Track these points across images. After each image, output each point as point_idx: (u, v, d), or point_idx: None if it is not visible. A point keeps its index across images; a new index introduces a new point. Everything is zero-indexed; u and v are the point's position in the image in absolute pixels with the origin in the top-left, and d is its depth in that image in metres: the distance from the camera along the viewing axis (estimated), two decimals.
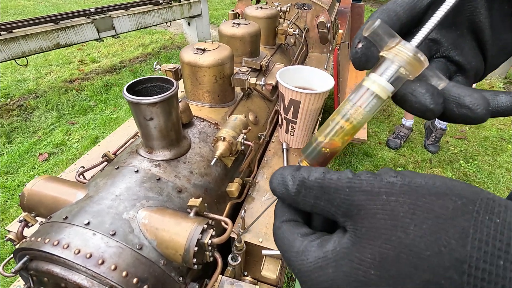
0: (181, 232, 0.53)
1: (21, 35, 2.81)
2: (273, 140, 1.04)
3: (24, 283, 0.56)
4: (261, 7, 1.25)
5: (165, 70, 0.90)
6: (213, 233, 0.54)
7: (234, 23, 1.04)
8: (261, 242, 0.71)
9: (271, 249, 0.70)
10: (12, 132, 2.90)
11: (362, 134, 2.38)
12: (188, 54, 0.82)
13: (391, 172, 0.19)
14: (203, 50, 0.82)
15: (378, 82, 0.22)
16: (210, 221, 0.57)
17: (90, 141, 2.82)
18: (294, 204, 0.22)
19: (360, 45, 0.24)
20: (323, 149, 0.24)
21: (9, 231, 0.67)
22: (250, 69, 0.92)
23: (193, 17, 4.44)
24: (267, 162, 0.95)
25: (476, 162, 2.68)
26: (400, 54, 0.21)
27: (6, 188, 2.38)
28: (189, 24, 4.63)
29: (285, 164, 0.91)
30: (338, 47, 1.76)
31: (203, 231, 0.54)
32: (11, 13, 5.92)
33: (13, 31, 2.79)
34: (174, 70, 0.89)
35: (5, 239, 0.65)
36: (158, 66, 0.91)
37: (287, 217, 0.23)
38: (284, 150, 0.96)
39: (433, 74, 0.22)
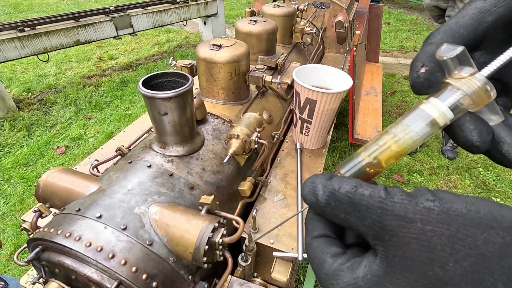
0: (192, 230, 0.52)
1: (44, 31, 2.91)
2: (286, 140, 1.01)
3: (36, 273, 0.56)
4: (278, 5, 1.23)
5: (181, 66, 0.89)
6: (224, 232, 0.53)
7: (251, 20, 1.03)
8: (272, 243, 0.69)
9: (282, 251, 0.68)
10: (32, 125, 3.00)
11: None
12: (204, 50, 0.81)
13: (428, 194, 0.17)
14: (219, 46, 0.81)
15: (438, 108, 0.20)
16: (221, 220, 0.55)
17: (105, 136, 2.89)
18: (324, 215, 0.21)
19: (423, 70, 0.22)
20: (367, 168, 0.22)
21: (24, 221, 0.68)
22: (266, 67, 0.90)
23: (209, 16, 4.47)
24: (280, 162, 0.93)
25: (496, 170, 2.55)
26: (468, 83, 0.19)
27: (25, 179, 2.46)
28: (205, 23, 4.67)
29: (299, 166, 0.89)
30: (355, 48, 1.72)
31: (214, 230, 0.52)
32: (35, 11, 6.15)
33: (36, 27, 2.88)
34: (190, 66, 0.89)
35: (20, 229, 0.66)
36: (173, 62, 0.91)
37: (317, 233, 0.21)
38: (298, 150, 0.94)
39: (488, 108, 0.21)
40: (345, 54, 1.65)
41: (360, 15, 2.57)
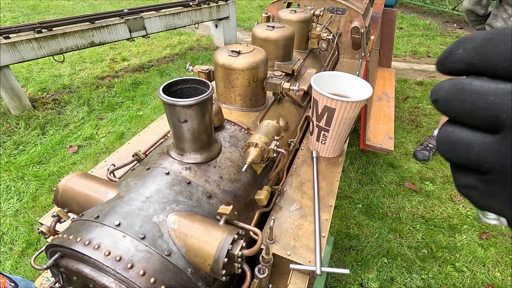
0: (211, 241, 0.51)
1: (60, 33, 2.97)
2: (302, 148, 1.00)
3: (51, 275, 0.56)
4: (295, 11, 1.22)
5: (198, 71, 0.89)
6: (244, 244, 0.52)
7: (268, 26, 1.02)
8: (289, 255, 0.67)
9: (299, 264, 0.66)
10: (46, 124, 3.06)
11: (388, 145, 2.27)
12: (223, 56, 0.80)
13: None
14: (238, 52, 0.80)
15: None
16: (240, 231, 0.54)
17: (116, 137, 2.92)
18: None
19: None
20: None
21: (41, 224, 0.69)
22: (283, 74, 0.89)
23: (220, 19, 4.50)
24: (296, 170, 0.91)
25: None
26: None
27: (38, 177, 2.51)
28: (216, 26, 4.70)
29: (315, 175, 0.87)
30: (368, 54, 1.70)
31: (233, 242, 0.51)
32: (52, 12, 6.31)
33: (53, 29, 2.95)
34: (207, 71, 0.88)
35: (37, 232, 0.67)
36: (190, 67, 0.90)
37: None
38: (314, 159, 0.92)
39: None
40: (360, 60, 1.63)
41: (374, 20, 2.54)
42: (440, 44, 5.25)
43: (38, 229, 0.67)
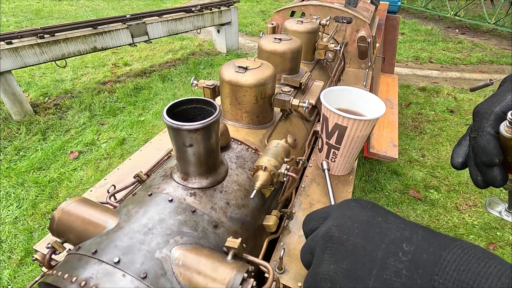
0: (219, 279, 0.47)
1: (62, 38, 2.96)
2: (310, 165, 0.96)
3: None
4: (301, 21, 1.19)
5: (203, 86, 0.85)
6: (254, 283, 0.48)
7: (275, 38, 0.98)
8: (300, 286, 0.63)
9: None
10: (47, 129, 3.03)
11: (393, 153, 2.23)
12: (229, 72, 0.77)
13: None
14: (245, 68, 0.76)
15: None
16: (249, 268, 0.50)
17: (117, 142, 2.89)
18: None
19: None
20: None
21: (36, 251, 0.65)
22: (292, 89, 0.85)
23: (222, 24, 4.49)
24: (304, 189, 0.87)
25: None
26: None
27: (38, 183, 2.47)
28: (218, 31, 4.69)
29: (329, 188, 0.82)
30: (373, 62, 1.66)
31: (243, 281, 0.47)
32: (55, 17, 6.32)
33: (56, 34, 2.93)
34: (213, 87, 0.85)
35: (32, 259, 0.63)
36: (195, 82, 0.87)
37: None
38: (326, 171, 0.87)
39: None
40: (367, 70, 1.59)
41: (378, 27, 2.52)
42: (442, 49, 5.23)
43: (33, 256, 0.64)
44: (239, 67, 0.77)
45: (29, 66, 2.87)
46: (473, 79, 4.34)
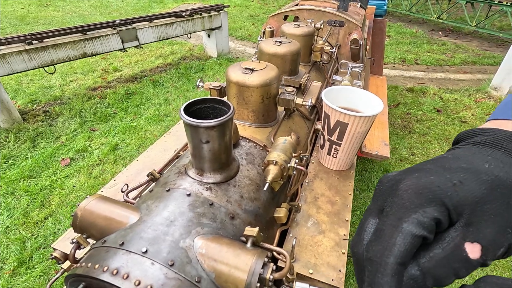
0: (241, 266, 0.50)
1: (51, 44, 2.92)
2: (312, 161, 1.00)
3: None
4: (298, 25, 1.24)
5: (210, 88, 0.89)
6: (274, 267, 0.51)
7: (276, 41, 1.03)
8: (311, 273, 0.67)
9: (322, 282, 0.66)
10: (37, 136, 2.97)
11: (384, 151, 2.31)
12: (236, 74, 0.81)
13: None
14: (252, 70, 0.80)
15: None
16: (268, 253, 0.53)
17: (110, 148, 2.86)
18: None
19: None
20: None
21: (54, 249, 0.66)
22: (295, 89, 0.90)
23: (213, 29, 4.53)
24: (308, 184, 0.91)
25: None
26: None
27: (29, 191, 2.42)
28: (208, 36, 4.72)
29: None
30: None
31: (263, 265, 0.50)
32: (41, 23, 6.19)
33: (44, 40, 2.89)
34: (219, 88, 0.88)
35: (50, 258, 0.64)
36: (201, 83, 0.90)
37: None
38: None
39: None
40: (360, 70, 1.66)
41: (367, 31, 2.62)
42: (427, 51, 5.44)
43: (52, 254, 0.65)
44: (246, 68, 0.81)
45: (17, 72, 2.82)
46: (457, 79, 4.54)
